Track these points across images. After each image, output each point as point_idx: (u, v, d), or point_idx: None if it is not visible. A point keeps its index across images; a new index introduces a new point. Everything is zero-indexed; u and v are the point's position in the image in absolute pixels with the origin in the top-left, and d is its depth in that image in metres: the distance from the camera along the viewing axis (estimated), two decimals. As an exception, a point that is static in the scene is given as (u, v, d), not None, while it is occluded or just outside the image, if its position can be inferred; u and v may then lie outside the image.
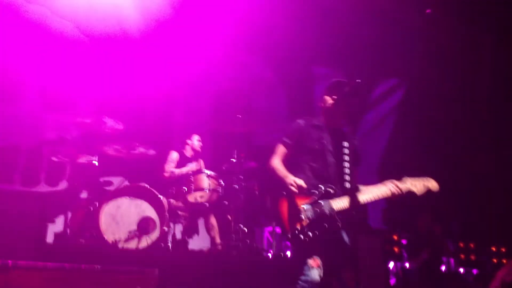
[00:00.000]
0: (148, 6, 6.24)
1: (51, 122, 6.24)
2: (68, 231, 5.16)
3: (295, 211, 3.28)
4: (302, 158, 3.51)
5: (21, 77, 6.25)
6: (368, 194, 3.35)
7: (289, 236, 3.26)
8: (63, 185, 6.01)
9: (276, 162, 3.54)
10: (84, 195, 5.61)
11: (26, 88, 6.28)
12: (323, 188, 3.36)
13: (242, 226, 5.29)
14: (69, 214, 5.35)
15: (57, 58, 6.29)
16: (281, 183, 3.40)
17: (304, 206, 3.29)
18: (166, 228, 5.03)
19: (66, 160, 5.78)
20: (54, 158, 5.79)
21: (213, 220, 5.45)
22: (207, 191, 5.30)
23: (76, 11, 6.18)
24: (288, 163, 3.53)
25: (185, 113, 6.97)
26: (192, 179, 5.32)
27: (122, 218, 4.97)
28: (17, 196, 5.60)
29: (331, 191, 3.34)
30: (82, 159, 5.46)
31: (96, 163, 5.38)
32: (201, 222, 5.63)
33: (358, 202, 3.31)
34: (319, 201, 3.32)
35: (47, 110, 6.29)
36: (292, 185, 3.32)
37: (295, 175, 3.41)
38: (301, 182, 3.33)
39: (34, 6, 6.15)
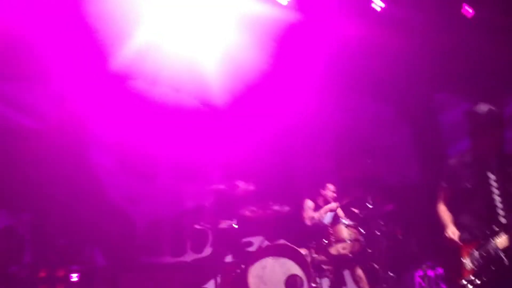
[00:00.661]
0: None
1: (188, 192, 6.59)
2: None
3: (459, 262, 3.22)
4: (459, 199, 3.46)
5: (155, 154, 6.71)
6: None
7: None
8: (207, 251, 6.25)
9: (441, 209, 3.55)
10: (228, 259, 5.78)
11: (161, 163, 6.72)
12: (485, 229, 3.23)
13: (390, 273, 5.11)
14: (218, 279, 5.53)
15: (184, 130, 6.68)
16: None
17: (470, 254, 3.21)
18: (314, 284, 4.99)
19: (208, 227, 6.01)
20: (197, 226, 6.06)
21: (359, 271, 5.32)
22: (349, 241, 5.22)
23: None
24: (449, 206, 3.52)
25: (308, 163, 6.99)
26: (331, 231, 5.28)
27: (269, 278, 5.02)
28: (168, 268, 5.95)
29: (494, 230, 3.19)
30: (223, 224, 5.66)
31: (236, 226, 5.55)
32: (347, 274, 5.52)
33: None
34: (483, 243, 3.19)
35: (182, 181, 6.66)
36: (449, 238, 3.30)
37: (456, 219, 3.39)
38: (455, 236, 3.30)
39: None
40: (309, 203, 5.78)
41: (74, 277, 5.46)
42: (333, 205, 5.74)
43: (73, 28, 5.63)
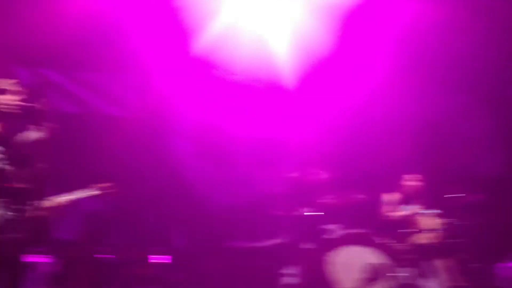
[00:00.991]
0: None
1: (264, 179, 6.65)
2: (299, 282, 5.37)
3: None
4: None
5: (234, 140, 6.81)
6: None
7: None
8: (283, 237, 6.29)
9: None
10: (305, 245, 5.80)
11: (239, 150, 6.81)
12: None
13: (476, 264, 4.95)
14: (296, 266, 5.57)
15: (260, 117, 6.73)
16: None
17: None
18: (394, 274, 4.93)
19: (284, 213, 6.06)
20: (272, 213, 6.12)
21: (445, 261, 5.18)
22: (433, 231, 5.10)
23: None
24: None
25: (390, 152, 6.84)
26: (414, 220, 5.17)
27: (348, 267, 5.02)
28: (245, 252, 6.04)
29: None
30: (299, 211, 5.69)
31: (313, 214, 5.56)
32: (431, 265, 5.40)
33: None
34: None
35: (259, 168, 6.73)
36: None
37: None
38: None
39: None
40: (391, 196, 5.66)
41: (158, 259, 5.68)
42: (416, 194, 5.62)
43: (158, 20, 5.78)
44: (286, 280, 5.56)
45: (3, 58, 6.08)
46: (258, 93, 6.67)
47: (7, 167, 3.16)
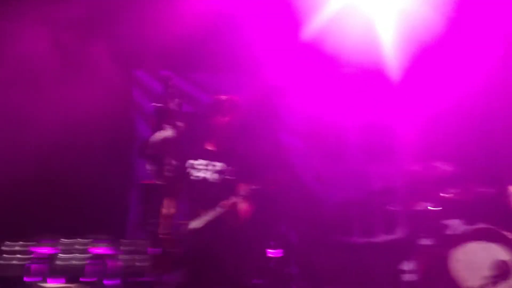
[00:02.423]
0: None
1: (378, 173, 6.54)
2: (418, 279, 5.22)
3: None
4: None
5: (345, 134, 6.76)
6: None
7: None
8: (399, 233, 6.14)
9: None
10: (424, 241, 5.62)
11: (350, 144, 6.75)
12: None
13: None
14: (413, 261, 5.42)
15: (371, 109, 6.62)
16: None
17: None
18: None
19: (400, 208, 5.92)
20: (388, 207, 6.00)
21: None
22: None
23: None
24: None
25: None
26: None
27: (473, 263, 4.80)
28: (360, 248, 5.97)
29: None
30: (417, 206, 5.52)
31: (433, 208, 5.37)
32: None
33: None
34: None
35: (372, 162, 6.63)
36: None
37: None
38: None
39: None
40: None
41: (273, 252, 5.76)
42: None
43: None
44: (404, 277, 5.44)
45: (124, 63, 6.52)
46: (369, 84, 6.59)
47: None
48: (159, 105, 3.78)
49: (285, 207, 6.38)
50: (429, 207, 5.41)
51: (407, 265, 5.43)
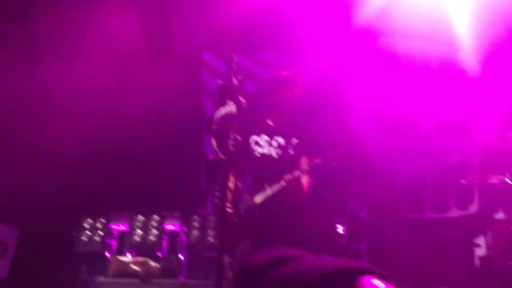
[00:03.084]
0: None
1: (451, 148, 6.33)
2: (492, 255, 5.03)
3: None
4: None
5: (413, 110, 6.59)
6: None
7: None
8: (474, 207, 5.93)
9: None
10: (500, 216, 5.39)
11: (421, 119, 6.57)
12: None
13: None
14: (489, 236, 5.22)
15: (440, 82, 6.40)
16: None
17: None
18: None
19: (475, 182, 5.70)
20: (462, 181, 5.80)
21: None
22: None
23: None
24: None
25: None
26: None
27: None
28: (431, 223, 5.83)
29: None
30: (493, 179, 5.30)
31: (509, 181, 5.14)
32: None
33: None
34: None
35: (444, 137, 6.42)
36: None
37: None
38: None
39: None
40: None
41: (340, 229, 5.75)
42: None
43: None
44: (478, 252, 5.26)
45: (191, 45, 6.68)
46: (434, 59, 6.37)
47: None
48: (222, 82, 3.85)
49: (353, 183, 6.35)
50: (505, 180, 5.17)
51: (481, 241, 5.24)
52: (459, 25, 5.95)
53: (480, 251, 5.21)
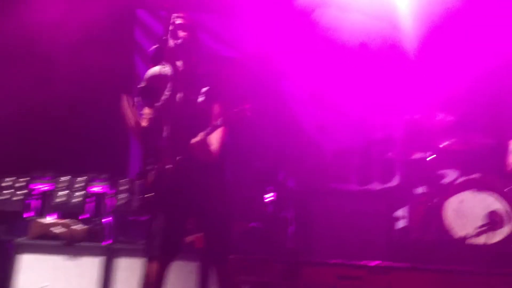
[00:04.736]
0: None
1: (377, 122, 6.52)
2: (410, 227, 5.30)
3: None
4: None
5: (344, 85, 6.70)
6: None
7: None
8: (395, 181, 6.19)
9: None
10: (419, 190, 5.67)
11: (350, 93, 6.70)
12: None
13: None
14: (408, 210, 5.49)
15: (373, 59, 6.54)
16: None
17: None
18: (518, 222, 4.70)
19: (397, 158, 5.94)
20: (385, 156, 6.02)
21: None
22: None
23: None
24: None
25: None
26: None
27: (467, 212, 4.85)
28: (354, 195, 6.03)
29: None
30: (415, 155, 5.54)
31: (430, 158, 5.39)
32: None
33: None
34: None
35: (371, 111, 6.60)
36: None
37: None
38: None
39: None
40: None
41: (270, 196, 5.83)
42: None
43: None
44: (398, 224, 5.52)
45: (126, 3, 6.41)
46: (373, 35, 6.47)
47: None
48: (157, 44, 3.69)
49: (283, 153, 6.44)
50: (426, 156, 5.42)
51: (401, 213, 5.50)
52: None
53: (399, 224, 5.48)
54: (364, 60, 6.55)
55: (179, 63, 3.66)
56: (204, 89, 3.53)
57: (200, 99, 3.52)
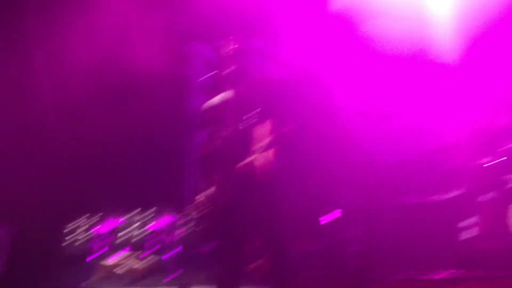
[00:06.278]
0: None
1: (436, 129, 6.30)
2: (479, 237, 5.07)
3: None
4: None
5: (394, 94, 6.55)
6: None
7: None
8: (461, 189, 5.94)
9: None
10: (486, 197, 5.41)
11: (402, 102, 6.54)
12: None
13: None
14: (477, 218, 5.25)
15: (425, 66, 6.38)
16: None
17: None
18: None
19: (461, 164, 5.71)
20: (446, 164, 5.80)
21: None
22: None
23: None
24: None
25: None
26: None
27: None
28: (418, 207, 5.84)
29: None
30: (479, 161, 5.32)
31: (495, 162, 5.16)
32: None
33: None
34: None
35: (428, 119, 6.40)
36: None
37: None
38: None
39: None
40: None
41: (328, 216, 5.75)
42: None
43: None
44: (465, 234, 5.29)
45: (179, 36, 6.58)
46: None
47: None
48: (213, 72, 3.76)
49: (339, 170, 6.33)
50: (490, 161, 5.20)
51: (466, 223, 5.27)
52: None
53: (465, 234, 5.25)
54: (417, 67, 6.40)
55: (233, 90, 3.72)
56: (256, 111, 3.57)
57: (253, 121, 3.56)
